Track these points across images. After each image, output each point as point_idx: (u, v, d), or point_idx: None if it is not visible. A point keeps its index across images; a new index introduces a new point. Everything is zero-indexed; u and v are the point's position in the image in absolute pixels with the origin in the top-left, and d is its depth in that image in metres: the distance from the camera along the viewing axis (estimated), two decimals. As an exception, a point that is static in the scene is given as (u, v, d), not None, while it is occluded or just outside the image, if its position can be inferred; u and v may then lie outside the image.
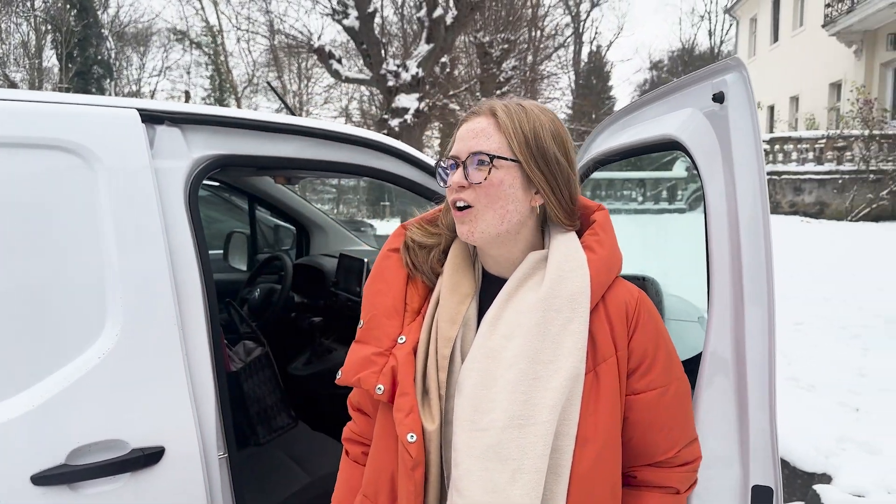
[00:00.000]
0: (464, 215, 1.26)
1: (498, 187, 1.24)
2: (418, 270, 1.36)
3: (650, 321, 1.29)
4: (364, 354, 1.33)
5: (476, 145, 1.25)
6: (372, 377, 1.30)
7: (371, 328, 1.36)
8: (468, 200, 1.25)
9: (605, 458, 1.22)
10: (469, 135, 1.27)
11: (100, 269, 1.66)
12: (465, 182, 1.25)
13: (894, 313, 6.97)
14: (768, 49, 25.55)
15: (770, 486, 1.44)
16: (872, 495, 3.56)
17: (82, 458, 1.60)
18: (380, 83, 14.68)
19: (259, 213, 4.33)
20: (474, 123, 1.28)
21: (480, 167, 1.24)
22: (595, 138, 2.10)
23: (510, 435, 1.17)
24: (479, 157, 1.24)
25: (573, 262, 1.25)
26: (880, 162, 15.31)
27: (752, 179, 1.35)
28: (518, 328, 1.23)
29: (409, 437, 1.23)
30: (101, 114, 1.73)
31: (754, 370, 1.42)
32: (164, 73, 35.36)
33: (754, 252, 1.38)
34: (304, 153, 2.13)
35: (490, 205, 1.25)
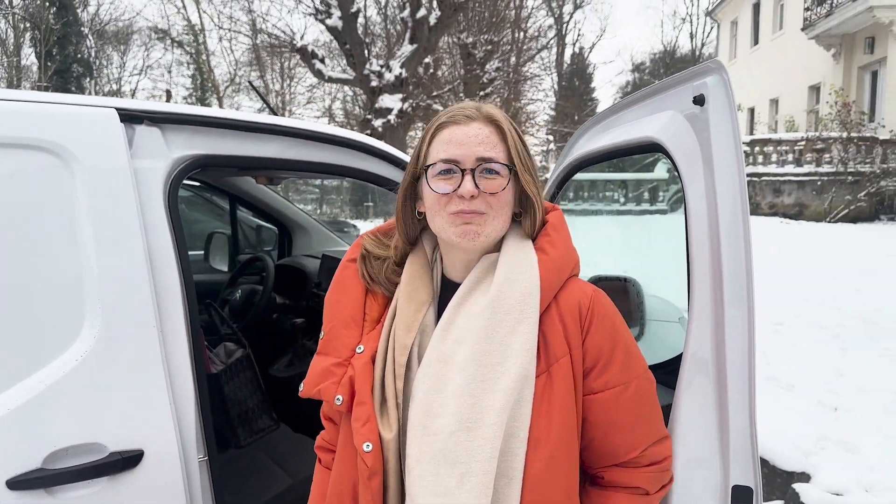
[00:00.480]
0: (472, 218, 1.24)
1: (506, 196, 1.27)
2: (374, 281, 1.36)
3: (605, 319, 1.28)
4: (324, 366, 1.34)
5: (484, 152, 1.24)
6: (331, 388, 1.31)
7: (330, 339, 1.36)
8: (480, 209, 1.24)
9: (558, 459, 1.21)
10: (472, 140, 1.25)
11: (77, 271, 1.64)
12: (476, 191, 1.23)
13: (872, 313, 7.06)
14: (749, 52, 25.80)
15: (750, 486, 1.45)
16: (851, 494, 3.61)
17: (59, 461, 1.58)
18: (363, 83, 14.65)
19: (241, 214, 4.30)
20: (475, 129, 1.26)
21: (491, 175, 1.24)
22: (577, 140, 2.11)
23: (458, 438, 1.16)
24: (491, 165, 1.24)
25: (523, 264, 1.26)
26: (858, 164, 15.51)
27: (732, 182, 1.36)
28: (468, 332, 1.22)
29: (364, 447, 1.23)
30: (80, 113, 1.71)
31: (734, 371, 1.43)
32: (145, 71, 35.08)
33: (734, 254, 1.39)
34: (285, 153, 2.12)
35: (499, 213, 1.26)
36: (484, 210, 1.24)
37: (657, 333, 2.43)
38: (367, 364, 1.30)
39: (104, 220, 1.67)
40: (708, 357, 1.46)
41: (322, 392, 1.32)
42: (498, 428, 1.16)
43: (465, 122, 1.27)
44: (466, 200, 1.23)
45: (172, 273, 1.76)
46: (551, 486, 1.20)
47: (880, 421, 4.40)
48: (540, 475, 1.19)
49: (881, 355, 5.78)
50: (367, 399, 1.27)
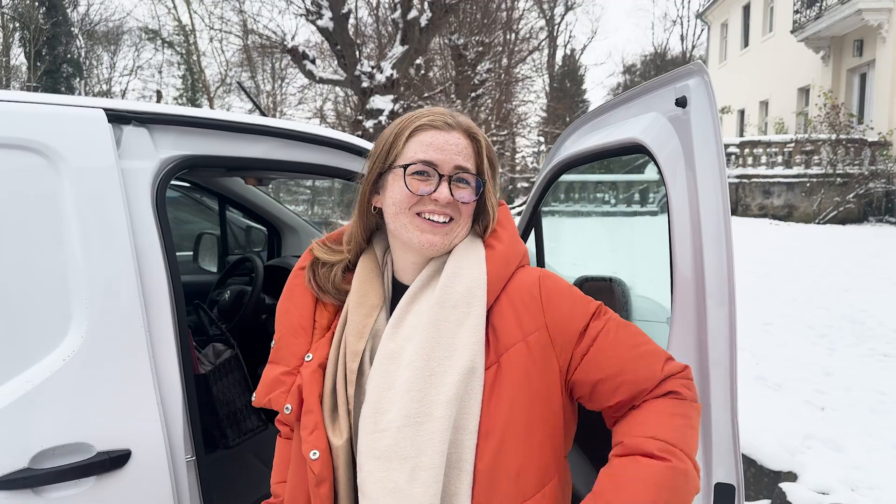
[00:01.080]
0: (439, 228, 1.27)
1: (473, 206, 1.32)
2: (323, 291, 1.37)
3: (555, 290, 1.29)
4: (274, 375, 1.35)
5: (462, 162, 1.28)
6: (281, 397, 1.33)
7: (280, 348, 1.37)
8: (446, 214, 1.27)
9: (506, 450, 1.20)
10: (452, 148, 1.28)
11: (64, 271, 1.64)
12: (451, 198, 1.26)
13: (859, 314, 7.12)
14: (739, 54, 25.92)
15: (732, 483, 1.46)
16: (837, 492, 3.64)
17: (46, 461, 1.58)
18: (354, 84, 14.65)
19: (230, 215, 4.30)
20: (455, 138, 1.29)
21: (464, 185, 1.28)
22: (564, 141, 2.13)
23: (407, 433, 1.17)
24: (467, 175, 1.28)
25: (469, 259, 1.28)
26: (847, 166, 15.61)
27: (714, 182, 1.38)
28: (416, 329, 1.23)
29: (311, 455, 1.24)
30: (67, 114, 1.72)
31: (716, 370, 1.45)
32: (135, 72, 34.95)
33: (716, 253, 1.40)
34: (274, 154, 2.12)
35: (466, 221, 1.30)
36: (453, 216, 1.28)
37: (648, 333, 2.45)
38: (316, 371, 1.31)
39: (92, 220, 1.67)
40: (691, 356, 1.48)
41: (272, 402, 1.34)
42: (446, 421, 1.16)
43: (446, 129, 1.29)
44: (440, 205, 1.26)
45: (160, 273, 1.76)
46: (502, 476, 1.19)
47: (866, 420, 4.44)
48: (490, 466, 1.19)
49: (867, 355, 5.83)
50: (314, 407, 1.28)
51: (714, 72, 28.00)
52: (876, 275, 9.06)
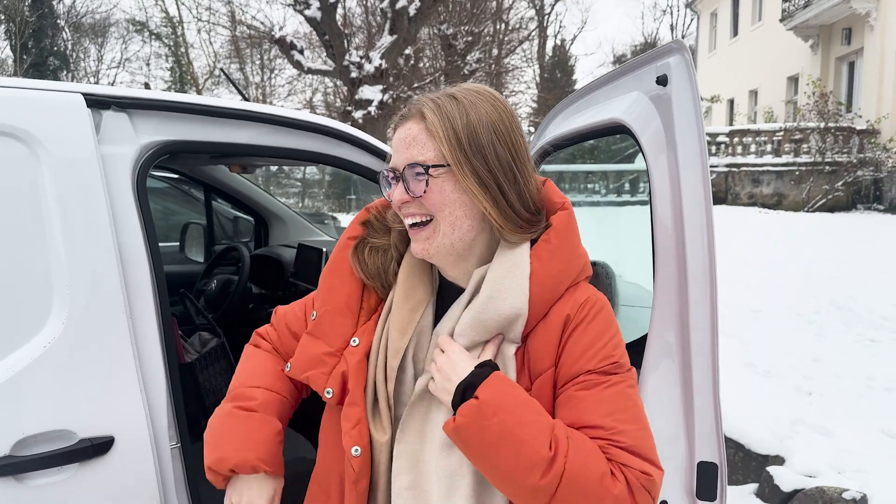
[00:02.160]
0: (418, 232, 1.20)
1: (440, 195, 1.17)
2: (369, 278, 1.29)
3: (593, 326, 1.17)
4: (315, 353, 1.28)
5: (411, 156, 1.17)
6: (321, 378, 1.26)
7: (323, 324, 1.30)
8: (418, 215, 1.19)
9: None
10: (402, 144, 1.19)
11: (45, 257, 1.62)
12: (406, 197, 1.18)
13: (847, 301, 7.16)
14: (728, 43, 25.94)
15: (715, 461, 1.47)
16: (824, 476, 3.67)
17: (28, 448, 1.57)
18: (343, 74, 14.58)
19: (218, 205, 4.28)
20: (406, 130, 1.20)
21: (419, 179, 1.17)
22: (549, 122, 2.12)
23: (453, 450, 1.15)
24: (415, 168, 1.17)
25: (510, 279, 1.16)
26: (835, 154, 15.67)
27: (695, 160, 1.37)
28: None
29: (353, 451, 1.21)
30: (45, 98, 1.70)
31: (699, 352, 1.45)
32: (122, 64, 34.67)
33: (698, 234, 1.40)
34: (259, 140, 2.11)
35: (444, 216, 1.18)
36: (423, 213, 1.19)
37: (631, 318, 2.45)
38: (362, 362, 1.25)
39: (71, 206, 1.65)
40: (672, 338, 1.48)
41: (311, 380, 1.27)
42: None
43: (401, 123, 1.22)
44: (403, 207, 1.20)
45: (142, 259, 1.75)
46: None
47: (853, 405, 4.47)
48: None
49: (855, 341, 5.87)
50: (359, 400, 1.23)
51: (703, 61, 28.03)
52: (864, 262, 9.11)
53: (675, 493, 1.50)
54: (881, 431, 4.10)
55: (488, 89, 1.23)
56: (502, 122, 1.19)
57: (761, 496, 3.78)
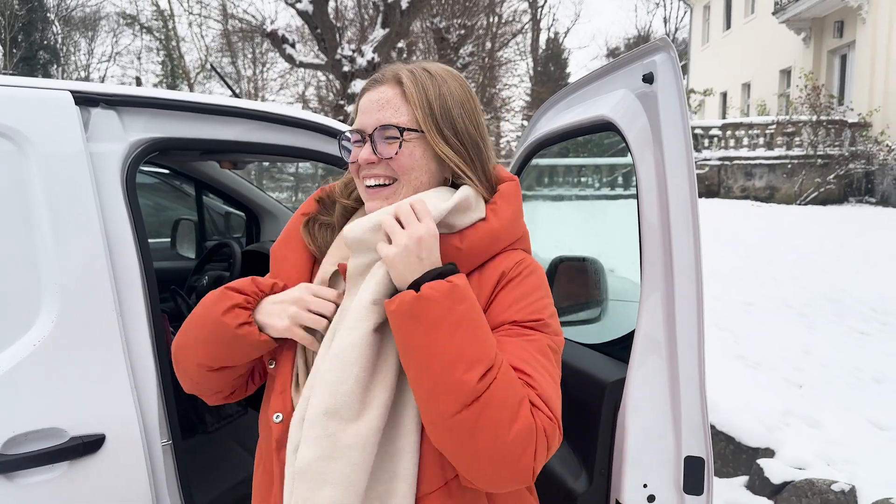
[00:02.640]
0: (378, 192, 1.21)
1: (410, 159, 1.20)
2: (322, 253, 1.31)
3: (524, 283, 1.19)
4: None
5: (383, 118, 1.19)
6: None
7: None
8: (382, 177, 1.20)
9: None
10: (374, 106, 1.21)
11: (33, 257, 1.62)
12: (374, 157, 1.19)
13: (837, 293, 7.20)
14: (721, 36, 25.96)
15: (702, 456, 1.49)
16: (813, 467, 3.70)
17: (19, 447, 1.58)
18: (335, 68, 14.53)
19: (209, 201, 4.27)
20: (379, 93, 1.21)
21: (390, 141, 1.19)
22: (539, 119, 2.13)
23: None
24: (388, 130, 1.18)
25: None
26: (827, 147, 15.71)
27: (680, 156, 1.38)
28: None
29: (275, 418, 1.20)
30: (33, 96, 1.70)
31: (685, 346, 1.46)
32: (113, 58, 34.46)
33: (684, 229, 1.41)
34: (248, 136, 2.11)
35: (408, 179, 1.20)
36: (388, 175, 1.20)
37: (620, 313, 2.47)
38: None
39: (60, 204, 1.65)
40: (659, 334, 1.49)
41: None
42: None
43: (373, 86, 1.23)
44: (368, 167, 1.20)
45: (131, 257, 1.75)
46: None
47: (843, 397, 4.51)
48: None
49: (845, 333, 5.91)
50: (286, 369, 1.24)
51: (697, 54, 28.05)
52: (855, 254, 9.16)
53: (662, 487, 1.52)
54: (870, 422, 4.14)
55: (455, 72, 1.29)
56: (468, 100, 1.25)
57: (751, 488, 3.81)
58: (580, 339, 2.11)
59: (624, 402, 1.54)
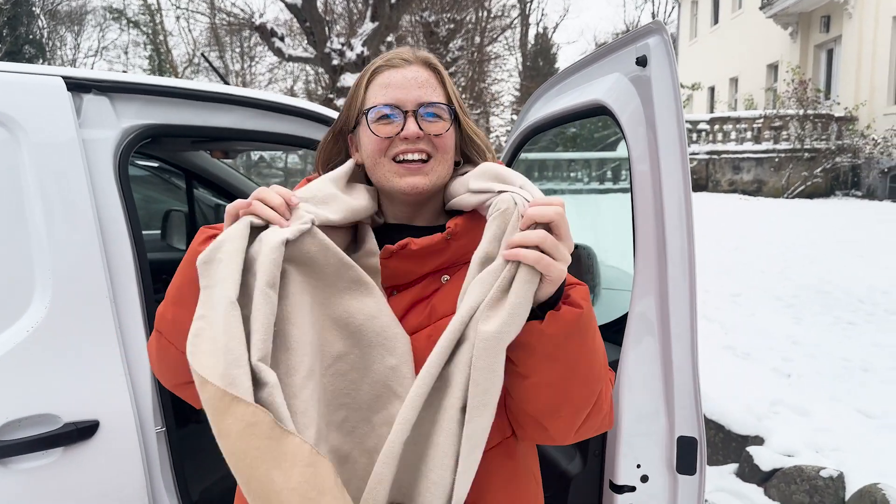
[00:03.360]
0: (419, 168, 1.18)
1: (450, 138, 1.22)
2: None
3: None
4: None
5: (425, 95, 1.20)
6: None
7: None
8: (422, 152, 1.19)
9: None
10: (412, 83, 1.20)
11: (26, 243, 1.62)
12: (421, 133, 1.18)
13: (824, 285, 7.26)
14: (709, 31, 26.06)
15: (694, 436, 1.50)
16: (802, 454, 3.74)
17: (12, 433, 1.57)
18: (324, 62, 14.48)
19: (199, 193, 4.25)
20: (414, 72, 1.22)
21: (434, 119, 1.19)
22: (532, 105, 2.13)
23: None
24: (433, 108, 1.19)
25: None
26: (814, 141, 15.84)
27: (673, 138, 1.39)
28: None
29: None
30: (25, 81, 1.69)
31: (677, 329, 1.47)
32: (100, 53, 34.17)
33: (677, 214, 1.42)
34: (242, 124, 2.10)
35: (444, 157, 1.21)
36: (430, 152, 1.19)
37: (613, 300, 2.49)
38: None
39: (53, 190, 1.65)
40: (653, 315, 1.51)
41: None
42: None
43: (403, 65, 1.23)
44: (412, 142, 1.18)
45: (124, 243, 1.75)
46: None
47: (830, 385, 4.55)
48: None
49: (832, 323, 5.96)
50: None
51: (684, 49, 28.14)
52: (842, 246, 9.24)
53: (655, 466, 1.53)
54: (857, 411, 4.18)
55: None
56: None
57: (741, 476, 3.85)
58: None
59: (617, 383, 1.55)
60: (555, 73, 2.02)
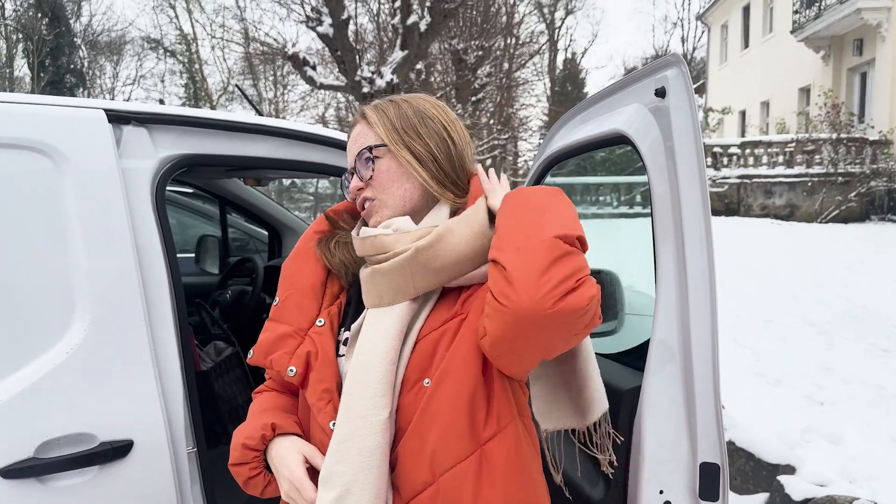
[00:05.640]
0: (368, 210, 1.32)
1: (387, 173, 1.30)
2: (334, 267, 1.37)
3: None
4: (277, 334, 1.32)
5: (357, 149, 1.33)
6: (284, 358, 1.29)
7: (287, 307, 1.34)
8: (370, 199, 1.31)
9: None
10: (352, 144, 1.35)
11: (67, 267, 1.69)
12: (360, 183, 1.31)
13: (858, 310, 7.13)
14: (739, 55, 25.94)
15: (717, 462, 1.50)
16: (835, 484, 3.67)
17: (51, 451, 1.63)
18: (355, 90, 14.70)
19: (232, 218, 4.35)
20: (353, 132, 1.36)
21: (365, 166, 1.31)
22: (554, 134, 2.17)
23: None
24: (359, 158, 1.31)
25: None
26: (848, 165, 15.60)
27: (692, 168, 1.42)
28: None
29: (331, 425, 1.24)
30: (69, 115, 1.77)
31: (699, 354, 1.48)
32: (138, 81, 35.04)
33: (697, 239, 1.44)
34: (274, 153, 2.17)
35: (387, 190, 1.30)
36: (372, 195, 1.31)
37: (637, 325, 2.49)
38: (331, 343, 1.30)
39: (93, 217, 1.72)
40: (674, 342, 1.52)
41: (274, 362, 1.30)
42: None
43: (349, 130, 1.39)
44: (356, 194, 1.33)
45: (160, 269, 1.81)
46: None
47: (864, 413, 4.47)
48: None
49: (866, 350, 5.85)
50: (328, 377, 1.26)
51: (715, 73, 28.02)
52: (876, 271, 9.07)
53: (678, 493, 1.53)
54: (892, 439, 4.10)
55: (425, 95, 1.40)
56: (434, 107, 1.35)
57: (772, 505, 3.78)
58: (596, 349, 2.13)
59: (640, 409, 1.56)
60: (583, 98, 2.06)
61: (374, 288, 1.26)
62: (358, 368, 1.21)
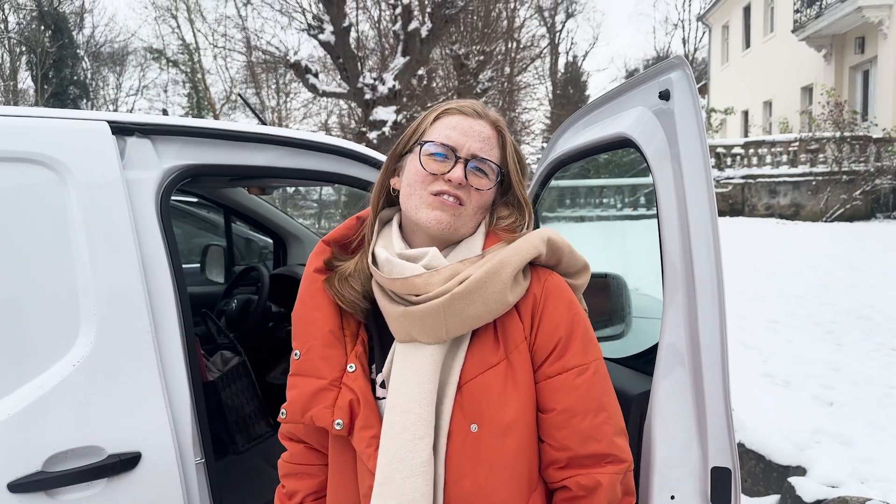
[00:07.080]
0: (449, 206, 1.24)
1: (487, 196, 1.29)
2: (346, 305, 1.31)
3: (560, 302, 1.28)
4: (311, 389, 1.27)
5: (481, 150, 1.27)
6: (326, 413, 1.25)
7: (311, 359, 1.29)
8: (458, 197, 1.25)
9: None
10: (474, 135, 1.28)
11: (73, 279, 1.68)
12: (464, 181, 1.25)
13: (865, 310, 7.10)
14: (741, 55, 25.91)
15: (728, 467, 1.49)
16: (846, 486, 3.64)
17: (59, 464, 1.63)
18: (357, 96, 14.73)
19: (237, 227, 4.35)
20: (479, 126, 1.29)
21: (480, 175, 1.27)
22: (558, 139, 2.17)
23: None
24: (484, 164, 1.27)
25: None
26: (852, 163, 15.56)
27: (698, 170, 1.41)
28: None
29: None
30: (72, 127, 1.77)
31: (708, 358, 1.47)
32: (141, 91, 35.13)
33: (704, 241, 1.43)
34: (277, 162, 2.17)
35: (477, 210, 1.29)
36: (464, 202, 1.25)
37: (644, 328, 2.48)
38: (367, 386, 1.26)
39: (98, 229, 1.72)
40: (683, 346, 1.51)
41: (316, 418, 1.25)
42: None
43: (473, 115, 1.30)
44: (453, 185, 1.24)
45: (166, 280, 1.81)
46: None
47: (874, 414, 4.44)
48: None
49: (874, 350, 5.82)
50: (373, 422, 1.24)
51: (717, 74, 28.01)
52: (883, 270, 9.03)
53: (689, 498, 1.52)
54: (903, 440, 4.07)
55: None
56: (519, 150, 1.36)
57: (783, 507, 3.76)
58: (604, 354, 2.12)
59: (650, 413, 1.55)
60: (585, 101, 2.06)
61: (402, 328, 1.23)
62: (395, 410, 1.20)
